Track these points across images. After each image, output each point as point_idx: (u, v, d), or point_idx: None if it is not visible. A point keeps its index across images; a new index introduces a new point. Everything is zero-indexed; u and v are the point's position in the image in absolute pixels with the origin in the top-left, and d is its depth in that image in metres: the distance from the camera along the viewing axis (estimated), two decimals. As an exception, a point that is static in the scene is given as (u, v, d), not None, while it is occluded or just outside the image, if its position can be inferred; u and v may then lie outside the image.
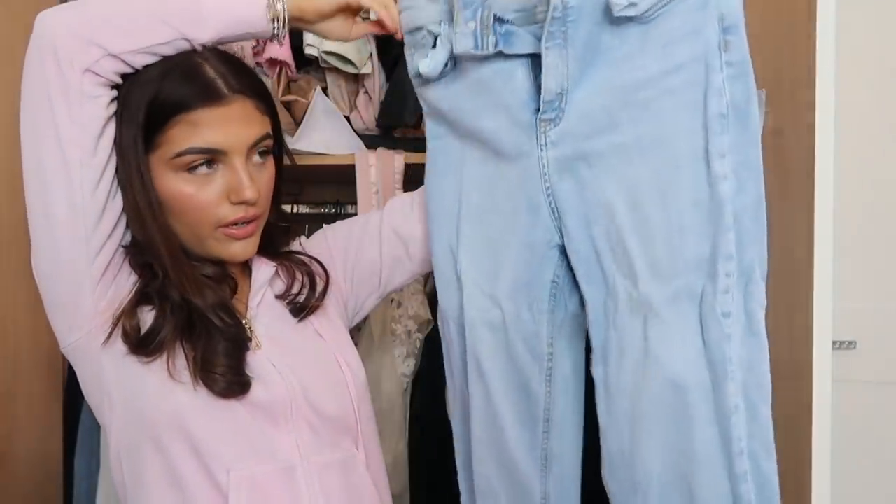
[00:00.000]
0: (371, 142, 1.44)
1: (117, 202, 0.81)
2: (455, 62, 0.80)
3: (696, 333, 0.71)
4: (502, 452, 0.83)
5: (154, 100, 0.79)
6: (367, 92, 1.49)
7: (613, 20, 0.70)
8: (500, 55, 0.76)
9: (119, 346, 0.79)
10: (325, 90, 1.50)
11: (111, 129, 0.79)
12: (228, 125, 0.80)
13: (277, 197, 0.92)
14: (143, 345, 0.79)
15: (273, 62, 1.40)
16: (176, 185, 0.80)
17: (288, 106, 1.45)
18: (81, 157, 0.77)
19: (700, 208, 0.71)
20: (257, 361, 0.82)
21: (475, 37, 0.76)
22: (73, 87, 0.76)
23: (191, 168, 0.80)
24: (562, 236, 0.77)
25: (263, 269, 0.89)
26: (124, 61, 0.78)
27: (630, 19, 0.69)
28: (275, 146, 0.88)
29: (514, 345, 0.81)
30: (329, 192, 1.59)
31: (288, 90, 1.45)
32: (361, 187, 1.37)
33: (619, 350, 0.74)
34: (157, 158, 0.80)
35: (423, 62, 0.81)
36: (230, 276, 0.87)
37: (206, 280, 0.83)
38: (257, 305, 0.87)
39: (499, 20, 0.76)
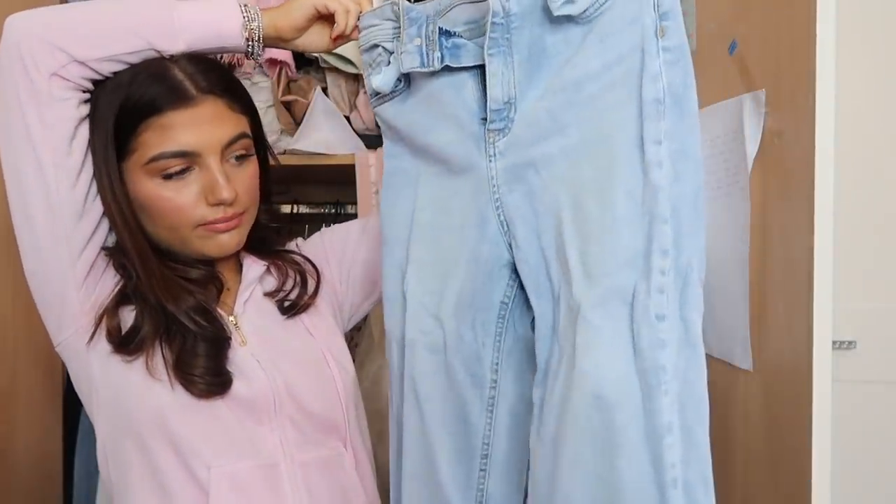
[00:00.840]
0: (371, 142, 1.45)
1: (98, 203, 0.81)
2: (408, 79, 0.80)
3: (626, 340, 0.64)
4: (434, 492, 0.77)
5: (123, 105, 0.79)
6: (366, 92, 1.49)
7: (555, 22, 0.69)
8: (448, 68, 0.75)
9: (103, 345, 0.80)
10: (325, 90, 1.50)
11: (85, 131, 0.79)
12: (200, 126, 0.80)
13: (268, 196, 0.92)
14: (124, 344, 0.80)
15: (273, 62, 1.40)
16: (153, 190, 0.80)
17: (288, 106, 1.45)
18: (55, 159, 0.78)
19: (633, 198, 0.66)
20: (241, 358, 0.82)
21: (421, 53, 0.75)
22: (41, 90, 0.76)
23: (165, 172, 0.80)
24: (511, 252, 0.74)
25: (253, 268, 0.89)
26: (91, 68, 0.78)
27: (571, 19, 0.68)
28: (256, 145, 0.88)
29: (453, 368, 0.76)
30: (329, 192, 1.59)
31: (288, 90, 1.45)
32: (361, 187, 1.37)
33: (558, 367, 0.67)
34: (132, 164, 0.81)
35: (375, 78, 0.80)
36: (217, 277, 0.87)
37: (181, 283, 0.83)
38: (245, 303, 0.87)
39: (445, 34, 0.75)
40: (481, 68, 0.74)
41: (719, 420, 0.99)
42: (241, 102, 0.85)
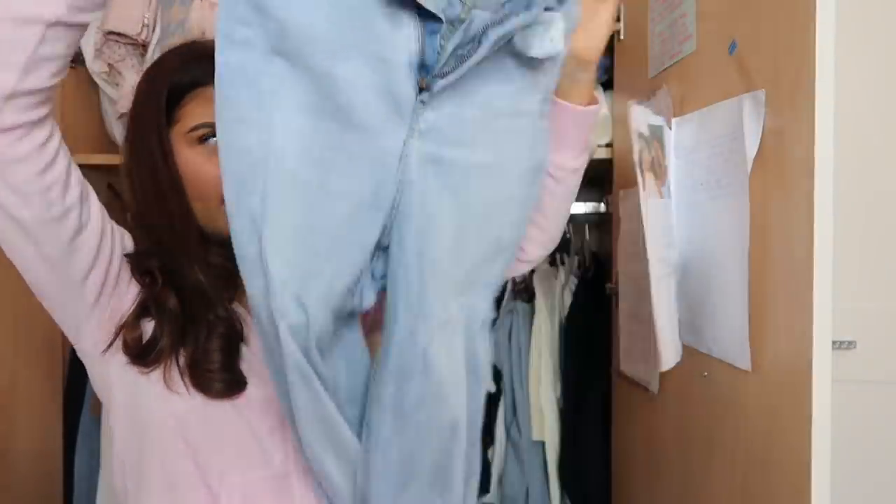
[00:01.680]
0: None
1: (89, 231, 0.76)
2: None
3: (462, 347, 0.74)
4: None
5: (174, 80, 0.83)
6: None
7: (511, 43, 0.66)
8: None
9: (120, 355, 0.80)
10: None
11: (54, 174, 0.70)
12: None
13: None
14: (142, 356, 0.80)
15: (273, 62, 1.39)
16: (190, 158, 0.83)
17: (288, 106, 1.45)
18: (33, 216, 0.70)
19: (499, 245, 0.75)
20: (258, 359, 0.82)
21: None
22: None
23: (203, 139, 0.82)
24: (388, 237, 0.70)
25: None
26: (24, 92, 0.65)
27: (517, 55, 0.67)
28: None
29: (310, 352, 0.67)
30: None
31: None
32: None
33: (408, 351, 0.71)
34: (174, 133, 0.83)
35: None
36: (234, 273, 0.87)
37: (212, 267, 0.84)
38: None
39: None
40: (425, 19, 0.61)
41: (719, 420, 0.99)
42: None
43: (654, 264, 0.99)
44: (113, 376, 0.81)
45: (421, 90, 0.63)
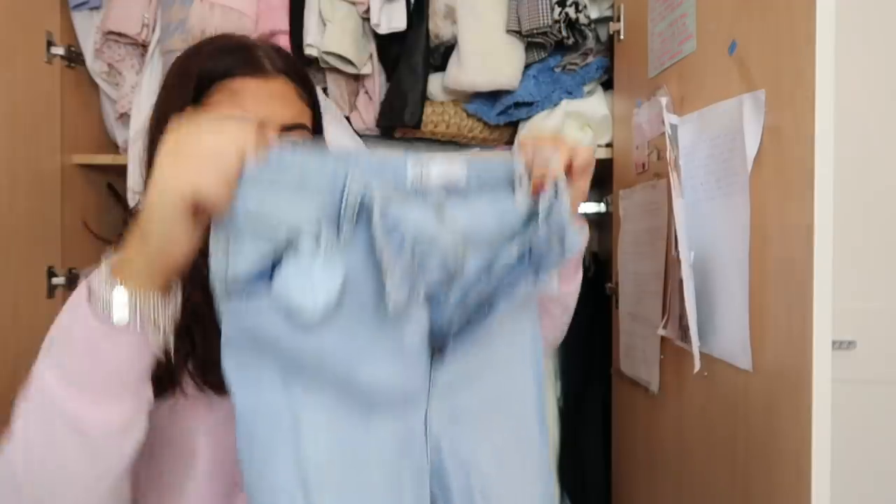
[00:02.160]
0: (371, 142, 1.45)
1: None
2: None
3: None
4: None
5: (205, 67, 0.81)
6: (367, 92, 1.49)
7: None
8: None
9: None
10: (325, 90, 1.50)
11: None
12: (268, 100, 0.81)
13: None
14: (156, 388, 0.79)
15: (273, 62, 1.39)
16: None
17: (288, 106, 1.45)
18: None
19: (542, 425, 0.73)
20: None
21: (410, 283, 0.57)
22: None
23: None
24: None
25: None
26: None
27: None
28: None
29: None
30: (329, 191, 1.58)
31: (288, 90, 1.44)
32: (361, 187, 1.36)
33: None
34: None
35: (292, 271, 0.53)
36: None
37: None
38: None
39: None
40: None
41: (719, 420, 0.99)
42: (311, 97, 0.87)
43: (685, 265, 0.99)
44: None
45: (432, 354, 0.63)
